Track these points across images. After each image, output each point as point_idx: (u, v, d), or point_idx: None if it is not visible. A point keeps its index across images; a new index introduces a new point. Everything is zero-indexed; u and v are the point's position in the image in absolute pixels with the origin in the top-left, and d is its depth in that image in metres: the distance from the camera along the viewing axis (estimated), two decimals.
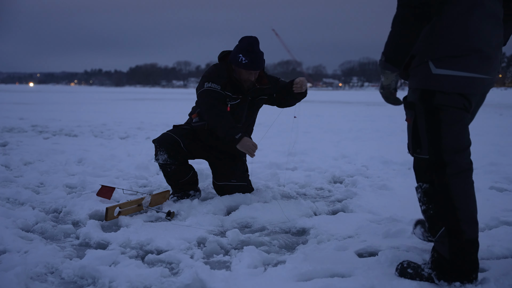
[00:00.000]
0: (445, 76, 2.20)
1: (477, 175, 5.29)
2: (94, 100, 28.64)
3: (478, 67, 2.21)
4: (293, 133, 6.92)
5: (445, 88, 2.21)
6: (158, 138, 3.86)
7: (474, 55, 2.19)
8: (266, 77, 3.96)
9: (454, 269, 2.22)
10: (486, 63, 2.22)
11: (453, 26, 2.17)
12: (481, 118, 15.45)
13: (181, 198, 3.92)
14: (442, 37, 2.19)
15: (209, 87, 3.72)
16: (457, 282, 2.22)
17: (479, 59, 2.20)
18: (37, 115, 14.18)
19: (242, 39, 3.76)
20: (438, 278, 2.25)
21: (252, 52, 3.68)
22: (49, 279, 2.37)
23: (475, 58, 2.19)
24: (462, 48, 2.18)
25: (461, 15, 2.17)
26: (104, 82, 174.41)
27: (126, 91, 71.54)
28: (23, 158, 5.70)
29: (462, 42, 2.17)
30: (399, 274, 2.38)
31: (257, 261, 2.55)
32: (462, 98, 2.24)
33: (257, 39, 3.75)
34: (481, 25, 2.18)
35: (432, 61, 2.22)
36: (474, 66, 2.20)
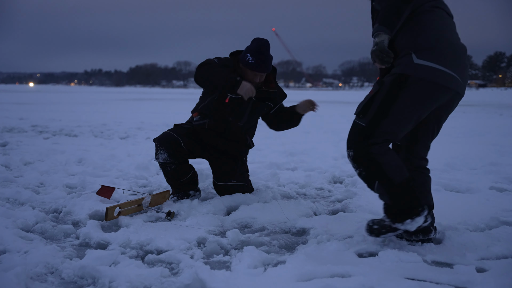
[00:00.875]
0: (423, 65, 2.59)
1: (477, 175, 5.31)
2: (94, 100, 28.64)
3: (450, 63, 2.62)
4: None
5: (422, 74, 2.59)
6: (159, 137, 3.87)
7: (446, 50, 2.63)
8: (275, 84, 3.97)
9: (400, 210, 2.67)
10: (455, 61, 2.65)
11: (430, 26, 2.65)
12: (481, 118, 15.47)
13: (181, 198, 3.92)
14: (422, 31, 2.63)
15: (211, 59, 3.80)
16: (407, 219, 2.65)
17: (450, 54, 2.63)
18: (37, 115, 14.18)
19: (254, 40, 3.78)
20: (393, 222, 2.70)
21: (261, 54, 3.69)
22: (49, 279, 2.37)
23: (447, 53, 2.62)
24: (436, 42, 2.62)
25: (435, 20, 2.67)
26: (104, 82, 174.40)
27: (126, 91, 71.55)
28: (23, 158, 5.70)
29: (437, 38, 2.63)
30: (369, 233, 2.79)
31: (257, 261, 2.55)
32: (433, 88, 2.61)
33: (268, 43, 3.77)
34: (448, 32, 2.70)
35: (414, 53, 2.62)
36: (448, 62, 2.62)
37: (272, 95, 3.94)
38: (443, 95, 2.68)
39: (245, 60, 3.72)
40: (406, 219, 2.66)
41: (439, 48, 2.62)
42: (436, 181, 4.84)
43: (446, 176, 5.19)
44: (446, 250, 2.82)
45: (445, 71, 2.61)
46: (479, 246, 2.84)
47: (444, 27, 2.70)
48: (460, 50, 2.72)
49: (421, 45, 2.62)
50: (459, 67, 2.67)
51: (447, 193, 4.44)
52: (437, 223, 3.22)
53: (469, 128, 11.29)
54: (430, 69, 2.59)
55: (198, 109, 3.92)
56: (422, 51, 2.61)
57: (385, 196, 2.72)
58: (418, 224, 2.68)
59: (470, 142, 8.41)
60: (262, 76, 3.80)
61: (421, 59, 2.60)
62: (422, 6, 2.70)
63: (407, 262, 2.56)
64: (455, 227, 3.20)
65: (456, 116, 16.47)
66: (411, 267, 2.50)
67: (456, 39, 2.76)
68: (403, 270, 2.47)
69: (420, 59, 2.60)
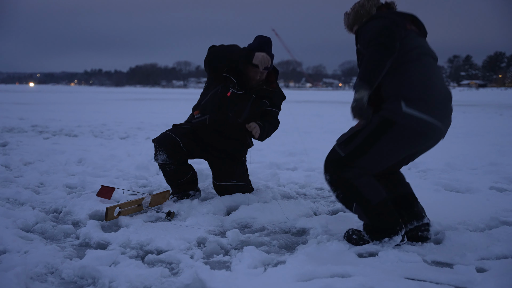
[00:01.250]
0: (411, 115, 2.69)
1: (477, 175, 5.31)
2: (94, 100, 28.64)
3: (436, 115, 2.73)
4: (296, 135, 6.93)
5: (409, 123, 2.69)
6: (158, 138, 3.87)
7: (434, 100, 2.73)
8: (277, 84, 3.97)
9: (378, 229, 2.79)
10: (441, 111, 2.77)
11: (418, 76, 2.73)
12: (481, 118, 15.47)
13: (181, 198, 3.92)
14: (411, 83, 2.71)
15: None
16: (385, 238, 2.78)
17: (437, 105, 2.75)
18: (37, 115, 14.18)
19: (256, 38, 3.80)
20: (371, 239, 2.82)
21: (263, 51, 3.70)
22: (49, 279, 2.37)
23: (435, 104, 2.73)
24: (425, 93, 2.72)
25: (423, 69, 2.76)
26: (104, 82, 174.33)
27: (126, 91, 71.55)
28: (23, 158, 5.70)
29: (426, 89, 2.72)
30: (347, 240, 2.91)
31: (257, 261, 2.55)
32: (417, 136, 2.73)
33: (270, 41, 3.79)
34: (435, 80, 2.79)
35: (403, 101, 2.70)
36: (435, 113, 2.73)
37: (271, 94, 3.94)
38: (425, 142, 2.83)
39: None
40: (384, 238, 2.79)
41: (427, 99, 2.72)
42: (436, 181, 4.85)
43: (446, 176, 5.19)
44: (446, 250, 2.82)
45: (431, 121, 2.73)
46: (479, 246, 2.84)
47: (432, 77, 2.79)
48: (446, 98, 2.83)
49: (410, 95, 2.71)
50: (444, 116, 2.82)
51: (447, 193, 4.44)
52: (437, 223, 3.23)
53: (469, 128, 11.29)
54: (417, 119, 2.70)
55: (201, 104, 3.92)
56: (411, 100, 2.70)
57: (363, 217, 2.83)
58: (396, 243, 2.79)
59: (470, 142, 8.41)
60: (264, 73, 3.81)
61: (410, 108, 2.70)
62: (409, 54, 2.78)
63: (407, 262, 2.56)
64: (455, 227, 3.20)
65: (456, 116, 16.47)
66: (411, 267, 2.50)
67: (443, 87, 2.86)
68: (403, 270, 2.47)
69: (409, 108, 2.70)
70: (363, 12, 3.02)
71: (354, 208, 2.83)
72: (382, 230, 2.79)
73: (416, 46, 2.82)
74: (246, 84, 3.83)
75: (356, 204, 2.81)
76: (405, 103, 2.70)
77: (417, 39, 2.86)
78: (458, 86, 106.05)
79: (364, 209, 2.80)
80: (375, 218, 2.79)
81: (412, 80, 2.73)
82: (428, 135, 2.77)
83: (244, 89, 3.83)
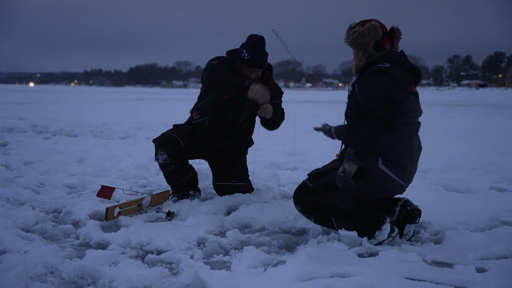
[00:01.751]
0: (384, 172, 2.88)
1: (477, 175, 5.31)
2: (94, 100, 28.64)
3: (406, 178, 2.95)
4: (293, 134, 6.92)
5: (379, 179, 2.88)
6: (158, 138, 3.87)
7: (408, 167, 2.94)
8: (272, 81, 3.96)
9: (365, 228, 2.86)
10: (410, 175, 2.99)
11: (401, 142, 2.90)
12: (481, 118, 15.46)
13: (181, 198, 3.92)
14: (393, 147, 2.88)
15: (213, 63, 3.77)
16: (376, 232, 2.85)
17: (409, 170, 2.96)
18: (37, 115, 14.18)
19: (249, 36, 3.79)
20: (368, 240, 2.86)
21: (256, 50, 3.70)
22: (49, 279, 2.37)
23: (408, 170, 2.94)
24: (404, 161, 2.91)
25: (407, 136, 2.92)
26: (104, 82, 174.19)
27: (126, 91, 71.53)
28: (23, 158, 5.70)
29: (405, 157, 2.91)
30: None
31: (257, 261, 2.55)
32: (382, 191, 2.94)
33: (263, 39, 3.78)
34: (414, 146, 2.99)
35: (381, 158, 2.87)
36: (404, 176, 2.93)
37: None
38: (389, 195, 3.03)
39: (241, 56, 3.73)
40: (374, 232, 2.86)
41: (403, 166, 2.92)
42: (436, 181, 4.85)
43: (446, 176, 5.19)
44: (446, 250, 2.82)
45: (400, 183, 2.94)
46: (479, 246, 2.84)
47: (412, 143, 2.96)
48: (416, 160, 3.04)
49: (389, 158, 2.88)
50: (412, 177, 3.03)
51: (447, 193, 4.44)
52: (437, 223, 3.23)
53: (469, 128, 11.29)
54: (388, 177, 2.89)
55: (198, 107, 3.92)
56: (389, 161, 2.88)
57: (347, 225, 2.91)
58: (387, 231, 2.86)
59: (470, 142, 8.41)
60: (258, 72, 3.81)
61: (385, 166, 2.87)
62: (400, 118, 2.87)
63: (407, 262, 2.56)
64: (455, 227, 3.20)
65: (456, 116, 16.48)
66: (411, 267, 2.50)
67: (417, 148, 3.04)
68: (403, 270, 2.47)
69: (384, 166, 2.87)
70: (360, 42, 3.00)
71: (335, 222, 2.94)
72: (368, 227, 2.87)
73: (409, 111, 2.91)
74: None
75: (334, 218, 2.94)
76: (382, 160, 2.87)
77: (413, 103, 2.93)
78: (458, 86, 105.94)
79: (344, 217, 2.91)
80: (357, 219, 2.90)
81: (395, 145, 2.88)
82: (393, 192, 3.00)
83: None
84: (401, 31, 3.09)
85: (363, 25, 3.02)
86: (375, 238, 2.85)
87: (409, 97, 2.89)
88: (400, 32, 3.08)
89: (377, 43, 3.00)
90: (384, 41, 3.02)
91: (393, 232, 2.89)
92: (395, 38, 3.07)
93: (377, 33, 2.99)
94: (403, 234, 3.02)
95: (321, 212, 2.97)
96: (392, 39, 3.07)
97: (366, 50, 3.00)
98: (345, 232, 2.86)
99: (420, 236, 3.08)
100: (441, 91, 68.61)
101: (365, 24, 3.01)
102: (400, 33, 3.09)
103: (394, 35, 3.06)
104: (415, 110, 2.96)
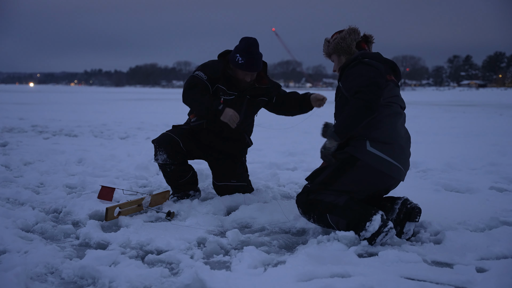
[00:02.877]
0: (374, 154, 2.94)
1: (477, 175, 5.31)
2: (94, 100, 28.64)
3: (397, 158, 2.98)
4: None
5: (371, 161, 2.94)
6: (158, 138, 3.87)
7: (396, 145, 2.99)
8: (267, 79, 3.96)
9: (357, 222, 2.88)
10: (402, 155, 3.02)
11: (386, 122, 2.98)
12: (481, 118, 15.46)
13: (181, 198, 3.92)
14: (378, 127, 2.96)
15: (196, 74, 3.78)
16: (366, 223, 2.85)
17: (399, 149, 2.99)
18: (37, 115, 14.18)
19: (242, 40, 3.77)
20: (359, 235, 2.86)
21: (250, 53, 3.68)
22: (49, 279, 2.37)
23: (397, 148, 2.98)
24: (390, 138, 2.97)
25: (391, 116, 3.01)
26: (104, 82, 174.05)
27: (126, 91, 71.53)
28: (23, 158, 5.70)
29: (391, 134, 2.98)
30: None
31: (257, 261, 2.55)
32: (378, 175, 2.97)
33: (256, 41, 3.75)
34: (399, 127, 3.06)
35: (368, 141, 2.96)
36: (396, 156, 2.98)
37: (266, 90, 3.93)
38: (386, 181, 3.05)
39: (235, 60, 3.71)
40: (365, 224, 2.86)
41: (391, 144, 2.98)
42: (436, 181, 4.85)
43: (446, 176, 5.19)
44: (446, 250, 2.82)
45: (392, 162, 2.98)
46: (479, 246, 2.84)
47: (397, 124, 3.05)
48: (406, 143, 3.10)
49: (376, 138, 2.97)
50: (405, 160, 3.06)
51: (447, 193, 4.44)
52: (437, 223, 3.23)
53: (469, 128, 11.29)
54: (379, 158, 2.95)
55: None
56: (376, 142, 2.96)
57: (340, 220, 2.95)
58: (378, 222, 2.85)
59: (470, 142, 8.40)
60: (254, 74, 3.80)
61: (373, 148, 2.96)
62: (388, 90, 3.03)
63: (407, 262, 2.56)
64: (455, 227, 3.21)
65: (456, 116, 16.48)
66: (411, 267, 2.50)
67: (405, 133, 3.12)
68: (403, 270, 2.47)
69: (373, 148, 2.96)
70: (343, 45, 3.22)
71: (330, 219, 2.98)
72: (359, 219, 2.88)
73: (391, 95, 3.06)
74: (237, 86, 3.81)
75: (329, 214, 2.98)
76: (369, 143, 2.96)
77: (394, 90, 3.10)
78: (458, 86, 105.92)
79: (337, 213, 2.95)
80: (350, 213, 2.92)
81: (380, 125, 2.98)
82: (389, 174, 3.00)
83: (236, 92, 3.81)
84: (373, 37, 3.35)
85: (340, 32, 3.28)
86: (367, 230, 2.84)
87: (389, 84, 3.06)
88: (372, 37, 3.34)
89: (358, 44, 3.24)
90: (363, 44, 3.27)
91: (385, 226, 2.84)
92: (369, 43, 3.33)
93: (357, 34, 3.25)
94: (403, 233, 3.02)
95: (318, 210, 3.01)
96: (367, 43, 3.32)
97: (350, 52, 3.21)
98: (343, 232, 2.87)
99: (420, 236, 3.08)
100: (441, 91, 68.60)
101: (342, 32, 3.27)
102: (373, 38, 3.34)
103: (368, 40, 3.32)
104: (397, 95, 3.12)
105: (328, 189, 3.03)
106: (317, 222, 3.05)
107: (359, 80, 2.96)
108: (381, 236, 2.84)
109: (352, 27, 3.26)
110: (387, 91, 3.04)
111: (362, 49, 3.25)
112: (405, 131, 3.15)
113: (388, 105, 3.04)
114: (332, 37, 3.33)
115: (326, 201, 3.00)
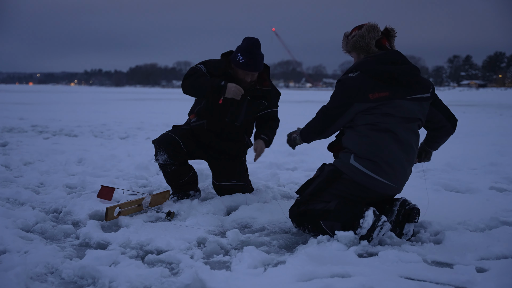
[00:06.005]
0: (356, 168, 2.97)
1: (477, 175, 5.31)
2: (94, 100, 28.64)
3: (384, 174, 2.95)
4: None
5: (353, 176, 2.98)
6: (158, 139, 3.87)
7: (384, 164, 2.94)
8: (269, 82, 3.96)
9: (351, 222, 2.87)
10: (391, 173, 2.96)
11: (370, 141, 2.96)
12: (481, 118, 15.46)
13: (181, 198, 3.92)
14: (361, 144, 2.98)
15: (196, 66, 3.81)
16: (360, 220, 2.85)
17: (387, 167, 2.95)
18: (37, 115, 14.18)
19: (244, 39, 3.77)
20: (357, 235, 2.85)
21: (251, 53, 3.68)
22: (49, 279, 2.37)
23: (384, 166, 2.94)
24: (374, 156, 2.94)
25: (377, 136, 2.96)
26: (104, 82, 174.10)
27: (126, 91, 71.54)
28: (23, 158, 5.70)
29: (374, 152, 2.95)
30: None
31: (257, 261, 2.55)
32: (361, 188, 2.99)
33: (258, 42, 3.75)
34: (390, 146, 2.96)
35: (353, 155, 2.99)
36: (381, 172, 2.94)
37: (266, 93, 3.93)
38: (372, 194, 3.03)
39: (236, 60, 3.72)
40: (359, 221, 2.85)
41: (375, 162, 2.95)
42: (436, 181, 4.85)
43: (446, 176, 5.19)
44: (446, 250, 2.82)
45: (376, 177, 2.96)
46: (479, 246, 2.84)
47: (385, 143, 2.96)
48: (399, 162, 2.99)
49: (360, 154, 2.97)
50: (396, 177, 3.00)
51: (447, 193, 4.44)
52: (437, 223, 3.22)
53: (469, 128, 11.29)
54: (361, 172, 2.96)
55: (195, 111, 3.93)
56: (360, 157, 2.97)
57: (334, 224, 2.93)
58: (372, 218, 2.84)
59: (470, 142, 8.40)
60: (254, 75, 3.80)
61: (357, 162, 2.97)
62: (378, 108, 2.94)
63: (407, 262, 2.56)
64: (455, 227, 3.20)
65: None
66: (411, 267, 2.50)
67: (396, 152, 2.98)
68: (403, 270, 2.46)
69: (355, 162, 2.97)
70: (362, 44, 3.09)
71: (324, 225, 2.96)
72: (353, 219, 2.87)
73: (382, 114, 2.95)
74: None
75: (322, 221, 2.96)
76: (354, 157, 2.98)
77: (385, 107, 2.95)
78: (458, 86, 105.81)
79: (330, 217, 2.94)
80: (343, 215, 2.91)
81: (364, 141, 2.97)
82: (373, 189, 2.99)
83: None
84: (395, 30, 3.17)
85: (360, 28, 3.11)
86: (361, 227, 2.83)
87: (371, 104, 2.94)
88: (394, 31, 3.17)
89: (378, 42, 3.08)
90: (383, 40, 3.11)
91: (379, 220, 2.83)
92: (391, 37, 3.16)
93: (377, 32, 3.08)
94: (403, 234, 3.01)
95: (311, 220, 3.01)
96: (389, 38, 3.15)
97: (369, 51, 3.07)
98: (343, 232, 2.86)
99: (420, 236, 3.08)
100: (441, 91, 68.61)
101: (362, 28, 3.10)
102: (395, 32, 3.17)
103: (390, 34, 3.15)
104: (390, 114, 2.95)
105: (316, 199, 3.06)
106: (312, 231, 3.04)
107: (330, 98, 3.08)
108: (376, 230, 2.82)
109: (371, 24, 3.09)
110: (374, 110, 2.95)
111: (383, 46, 3.08)
112: (397, 151, 2.98)
113: (376, 124, 2.95)
114: (352, 33, 3.16)
115: (317, 208, 3.00)
